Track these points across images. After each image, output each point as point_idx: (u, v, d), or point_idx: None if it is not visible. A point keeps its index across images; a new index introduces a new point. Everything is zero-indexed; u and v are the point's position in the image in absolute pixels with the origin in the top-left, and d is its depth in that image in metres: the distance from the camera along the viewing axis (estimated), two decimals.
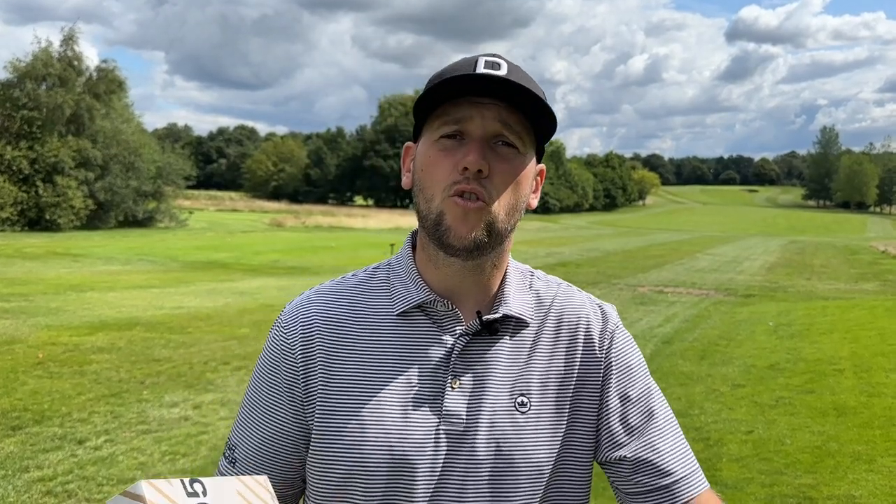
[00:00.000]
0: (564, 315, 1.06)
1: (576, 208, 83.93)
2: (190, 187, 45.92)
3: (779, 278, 18.78)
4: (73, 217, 30.20)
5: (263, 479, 0.82)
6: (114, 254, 20.37)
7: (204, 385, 6.48)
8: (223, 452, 1.08)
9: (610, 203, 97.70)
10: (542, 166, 1.06)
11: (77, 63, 32.78)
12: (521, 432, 0.98)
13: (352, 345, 1.00)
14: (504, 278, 1.05)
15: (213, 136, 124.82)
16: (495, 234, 0.97)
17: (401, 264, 1.06)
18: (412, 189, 1.02)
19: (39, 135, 30.38)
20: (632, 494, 1.00)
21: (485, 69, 0.94)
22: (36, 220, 29.41)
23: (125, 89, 34.88)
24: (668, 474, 0.98)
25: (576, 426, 1.02)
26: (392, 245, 23.15)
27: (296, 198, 77.21)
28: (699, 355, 8.33)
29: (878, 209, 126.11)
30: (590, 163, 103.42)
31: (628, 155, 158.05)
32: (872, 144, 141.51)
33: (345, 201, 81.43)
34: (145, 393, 6.15)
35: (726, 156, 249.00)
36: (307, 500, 1.06)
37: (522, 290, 1.06)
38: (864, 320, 10.73)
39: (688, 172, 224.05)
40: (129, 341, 8.18)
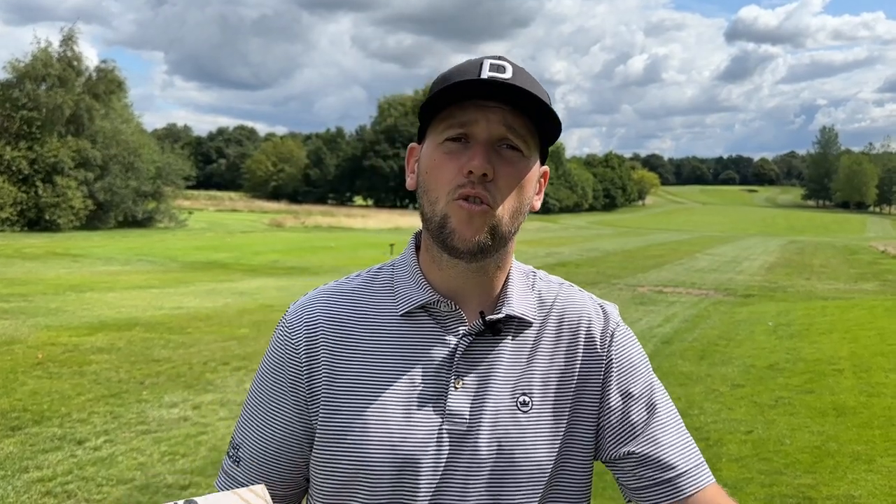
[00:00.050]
0: (566, 315, 1.06)
1: (575, 208, 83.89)
2: (189, 187, 45.89)
3: (778, 278, 18.78)
4: (72, 217, 30.20)
5: (261, 489, 0.82)
6: (113, 254, 20.37)
7: (203, 385, 6.48)
8: (227, 451, 1.08)
9: (609, 203, 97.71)
10: (545, 168, 1.07)
11: (76, 63, 32.78)
12: (522, 432, 0.98)
13: (356, 344, 1.01)
14: (507, 279, 1.05)
15: (212, 137, 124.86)
16: (499, 237, 0.97)
17: (404, 265, 1.06)
18: (416, 190, 1.02)
19: (39, 135, 30.38)
20: (636, 490, 1.00)
21: (490, 72, 0.95)
22: (35, 221, 29.40)
23: (125, 89, 34.93)
24: (671, 468, 0.98)
25: (577, 425, 1.02)
26: (392, 245, 23.15)
27: (295, 198, 77.16)
28: (699, 355, 8.33)
29: (878, 209, 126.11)
30: (589, 163, 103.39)
31: (628, 155, 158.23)
32: (872, 144, 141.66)
33: (344, 201, 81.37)
34: (145, 393, 6.15)
35: (726, 156, 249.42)
36: (310, 500, 1.06)
37: (525, 290, 1.06)
38: (863, 320, 10.74)
39: (687, 172, 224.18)
40: (129, 342, 8.18)
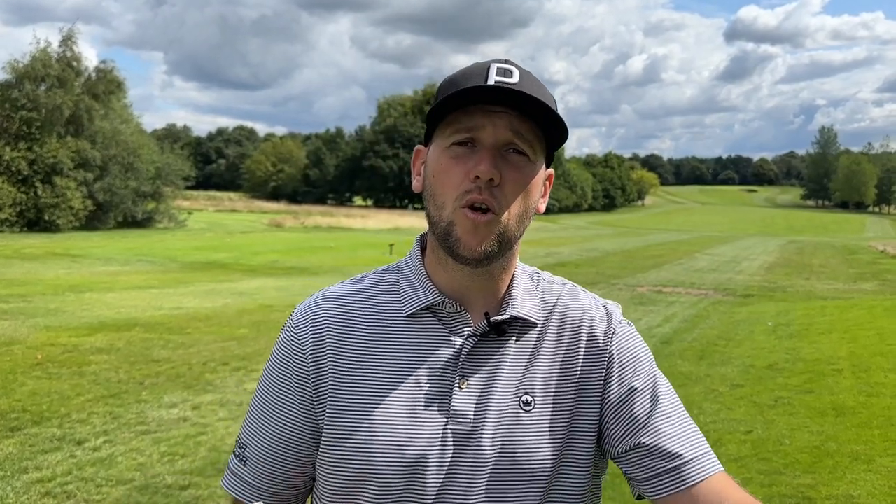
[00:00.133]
0: (568, 314, 1.07)
1: (575, 208, 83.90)
2: (189, 188, 45.88)
3: (777, 278, 18.78)
4: (72, 218, 30.19)
5: None
6: (113, 254, 20.36)
7: (203, 386, 6.48)
8: (233, 451, 1.09)
9: (609, 203, 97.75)
10: (550, 171, 1.07)
11: (76, 64, 32.79)
12: (525, 431, 0.99)
13: (362, 345, 1.02)
14: (512, 280, 1.06)
15: (212, 137, 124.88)
16: (505, 242, 0.98)
17: (410, 266, 1.07)
18: (422, 193, 1.03)
19: (38, 135, 30.37)
20: (642, 481, 1.00)
21: (497, 76, 0.95)
22: (35, 221, 29.39)
23: (124, 90, 34.95)
24: (675, 457, 0.98)
25: (579, 424, 1.02)
26: (391, 245, 23.16)
27: (295, 198, 77.14)
28: (698, 355, 8.33)
29: (877, 209, 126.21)
30: (589, 163, 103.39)
31: (627, 155, 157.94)
32: (871, 144, 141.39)
33: (344, 202, 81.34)
34: (144, 394, 6.15)
35: (725, 156, 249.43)
36: (315, 500, 1.07)
37: (530, 291, 1.07)
38: (862, 320, 10.74)
39: (687, 172, 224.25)
40: (128, 342, 8.17)
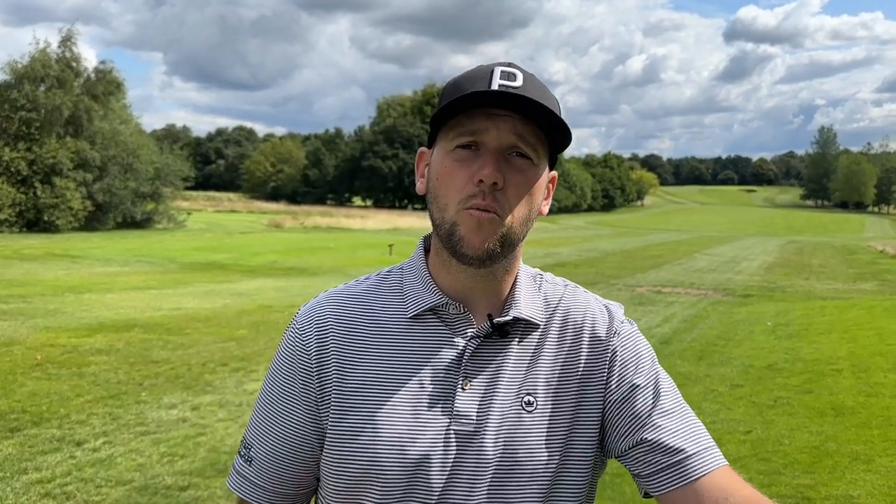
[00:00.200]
0: (570, 315, 1.08)
1: (574, 208, 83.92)
2: (188, 188, 45.86)
3: (777, 278, 18.79)
4: (71, 218, 30.18)
5: None
6: (112, 255, 20.36)
7: (202, 386, 6.47)
8: (238, 451, 1.09)
9: (608, 203, 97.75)
10: (553, 173, 1.08)
11: (75, 64, 32.77)
12: (527, 431, 0.99)
13: (365, 346, 1.02)
14: (515, 282, 1.06)
15: (211, 137, 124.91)
16: (508, 244, 0.99)
17: (413, 268, 1.08)
18: (426, 195, 1.03)
19: (38, 136, 30.37)
20: (646, 477, 1.00)
21: (501, 80, 0.96)
22: (34, 222, 29.39)
23: (123, 90, 34.92)
24: (678, 452, 0.98)
25: (580, 424, 1.03)
26: (391, 245, 23.17)
27: (294, 198, 77.17)
28: (697, 355, 8.33)
29: (877, 209, 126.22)
30: (588, 163, 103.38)
31: (626, 155, 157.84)
32: (870, 144, 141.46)
33: (343, 202, 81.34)
34: (143, 394, 6.14)
35: (724, 156, 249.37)
36: (319, 499, 1.07)
37: (533, 293, 1.08)
38: (862, 320, 10.75)
39: (686, 173, 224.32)
40: (128, 343, 8.17)
